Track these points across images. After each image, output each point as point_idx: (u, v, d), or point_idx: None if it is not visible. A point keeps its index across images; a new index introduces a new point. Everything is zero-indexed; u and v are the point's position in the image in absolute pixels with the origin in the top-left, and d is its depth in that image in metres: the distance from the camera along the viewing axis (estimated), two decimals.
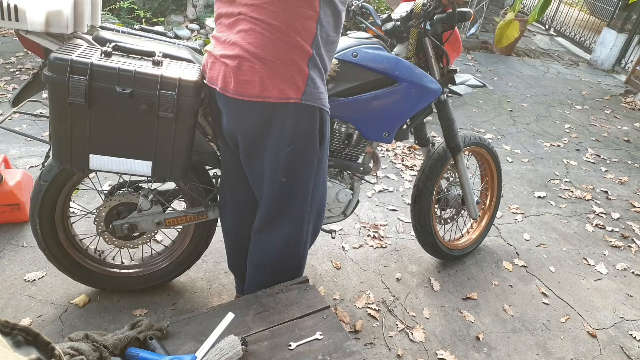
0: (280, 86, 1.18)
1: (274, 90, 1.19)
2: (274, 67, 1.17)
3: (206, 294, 2.02)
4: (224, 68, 1.22)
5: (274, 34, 1.15)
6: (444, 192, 2.26)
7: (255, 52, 1.16)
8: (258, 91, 1.19)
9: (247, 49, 1.17)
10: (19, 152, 2.79)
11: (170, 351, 1.16)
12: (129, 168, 1.42)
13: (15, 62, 3.99)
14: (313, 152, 1.32)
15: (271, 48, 1.16)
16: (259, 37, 1.16)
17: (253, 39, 1.16)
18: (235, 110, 1.26)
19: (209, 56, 1.30)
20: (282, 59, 1.17)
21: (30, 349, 0.53)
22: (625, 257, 2.70)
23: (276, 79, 1.18)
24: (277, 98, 1.19)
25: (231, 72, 1.20)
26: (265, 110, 1.22)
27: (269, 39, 1.15)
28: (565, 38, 7.96)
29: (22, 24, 1.38)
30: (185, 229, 1.87)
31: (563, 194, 3.28)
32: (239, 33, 1.19)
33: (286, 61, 1.17)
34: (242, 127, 1.29)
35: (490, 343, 1.99)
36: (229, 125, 1.32)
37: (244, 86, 1.19)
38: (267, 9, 1.14)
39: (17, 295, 1.88)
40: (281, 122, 1.24)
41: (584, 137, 4.32)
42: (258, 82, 1.18)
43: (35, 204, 1.62)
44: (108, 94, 1.28)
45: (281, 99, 1.19)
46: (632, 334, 2.14)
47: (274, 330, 1.26)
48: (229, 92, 1.22)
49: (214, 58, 1.27)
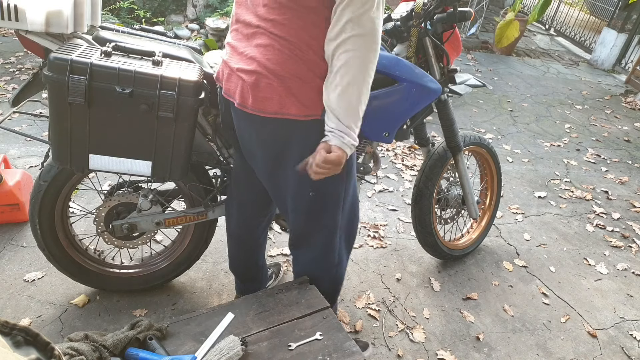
0: (299, 103, 1.16)
1: (292, 107, 1.16)
2: (292, 85, 1.15)
3: (206, 294, 2.02)
4: (242, 83, 1.18)
5: (292, 51, 1.13)
6: (444, 192, 2.26)
7: (274, 69, 1.14)
8: (277, 108, 1.16)
9: (265, 65, 1.14)
10: (19, 152, 2.79)
11: (170, 351, 1.16)
12: (129, 168, 1.42)
13: (15, 62, 3.99)
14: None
15: (290, 65, 1.14)
16: (278, 54, 1.13)
17: (272, 55, 1.14)
18: (255, 126, 1.23)
19: (225, 66, 1.26)
20: (301, 77, 1.14)
21: (30, 349, 0.53)
22: (626, 257, 2.70)
23: (295, 96, 1.16)
24: (297, 115, 1.17)
25: (249, 88, 1.17)
26: (286, 126, 1.20)
27: (287, 56, 1.13)
28: (566, 38, 7.96)
29: (22, 24, 1.38)
30: (185, 229, 1.87)
31: (563, 194, 3.28)
32: (258, 47, 1.16)
33: (304, 78, 1.15)
34: (263, 143, 1.26)
35: (491, 343, 1.98)
36: (249, 140, 1.29)
37: (263, 103, 1.17)
38: (286, 25, 1.11)
39: (16, 295, 1.88)
40: (303, 139, 1.22)
41: (584, 137, 4.32)
42: (277, 99, 1.16)
43: (34, 204, 1.62)
44: (108, 93, 1.28)
45: (300, 116, 1.17)
46: (633, 334, 2.14)
47: (274, 331, 1.26)
48: (248, 108, 1.19)
49: (230, 70, 1.23)
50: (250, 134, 1.27)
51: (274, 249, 2.33)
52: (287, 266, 2.22)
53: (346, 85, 1.10)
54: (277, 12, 1.11)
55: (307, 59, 1.14)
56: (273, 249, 2.32)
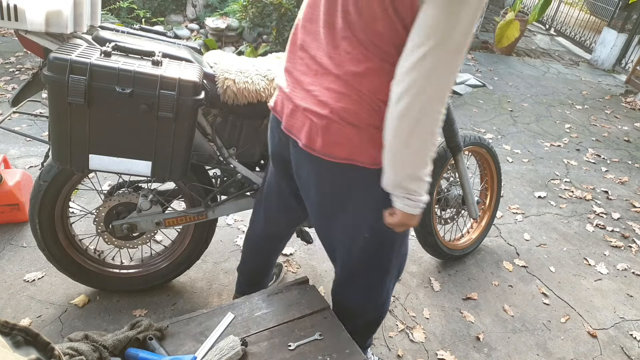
0: (371, 152, 1.08)
1: (364, 155, 1.09)
2: (366, 134, 1.07)
3: (206, 294, 2.02)
4: (310, 123, 1.09)
5: (369, 104, 1.04)
6: (444, 192, 2.26)
7: (348, 119, 1.06)
8: (346, 154, 1.09)
9: (339, 113, 1.05)
10: (19, 152, 2.79)
11: (170, 351, 1.16)
12: (129, 168, 1.41)
13: (15, 62, 3.99)
14: None
15: (365, 116, 1.05)
16: (353, 104, 1.05)
17: (346, 104, 1.05)
18: (319, 169, 1.17)
19: (287, 99, 1.16)
20: (375, 126, 1.06)
21: (30, 349, 0.53)
22: (626, 257, 2.70)
23: (367, 144, 1.07)
24: (367, 163, 1.10)
25: (319, 132, 1.08)
26: (352, 172, 1.12)
27: (362, 107, 1.05)
28: (566, 38, 7.96)
29: (22, 24, 1.38)
30: (185, 229, 1.87)
31: (563, 194, 3.28)
32: (330, 92, 1.06)
33: (380, 128, 1.05)
34: (323, 184, 1.21)
35: (491, 343, 1.98)
36: (307, 179, 1.23)
37: (332, 148, 1.09)
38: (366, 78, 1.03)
39: (16, 295, 1.88)
40: (370, 186, 1.14)
41: (584, 137, 4.32)
42: (347, 145, 1.08)
43: (34, 204, 1.62)
44: (108, 94, 1.27)
45: (370, 164, 1.09)
46: (633, 334, 2.14)
47: (274, 331, 1.26)
48: (315, 150, 1.11)
49: (294, 106, 1.13)
50: (309, 174, 1.21)
51: None
52: (287, 266, 2.22)
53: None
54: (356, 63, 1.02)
55: (382, 111, 1.05)
56: None
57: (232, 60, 1.64)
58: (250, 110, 1.62)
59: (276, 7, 4.45)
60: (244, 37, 5.05)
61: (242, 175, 1.75)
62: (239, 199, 1.83)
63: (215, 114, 1.66)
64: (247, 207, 1.86)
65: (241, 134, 1.71)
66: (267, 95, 1.59)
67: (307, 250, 2.36)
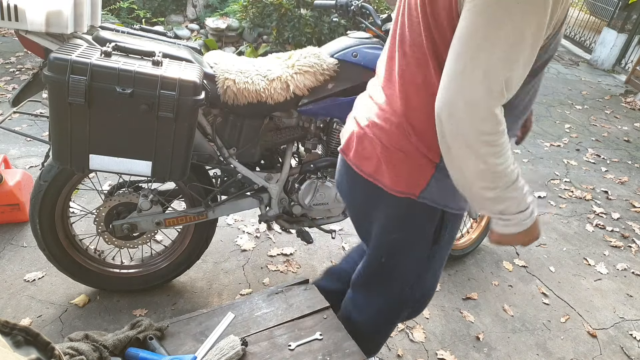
0: (394, 175, 1.06)
1: (386, 176, 1.07)
2: (392, 156, 1.05)
3: (206, 294, 2.02)
4: (352, 131, 1.14)
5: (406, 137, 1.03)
6: None
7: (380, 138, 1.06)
8: (371, 171, 1.09)
9: (373, 130, 1.07)
10: (19, 152, 2.79)
11: (170, 351, 1.16)
12: (129, 168, 1.42)
13: (15, 62, 3.99)
14: (423, 248, 1.20)
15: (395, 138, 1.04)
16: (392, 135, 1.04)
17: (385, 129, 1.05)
18: (349, 178, 1.19)
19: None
20: (404, 151, 1.04)
21: (30, 349, 0.53)
22: (626, 257, 2.70)
23: (391, 167, 1.06)
24: (388, 187, 1.08)
25: (354, 139, 1.12)
26: (376, 192, 1.11)
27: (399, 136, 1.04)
28: (566, 38, 7.96)
29: (22, 24, 1.38)
30: (185, 229, 1.87)
31: (563, 194, 3.28)
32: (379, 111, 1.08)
33: (408, 153, 1.04)
34: (351, 195, 1.23)
35: (490, 343, 1.98)
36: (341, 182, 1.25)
37: (361, 161, 1.11)
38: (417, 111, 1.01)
39: (17, 295, 1.88)
40: (389, 212, 1.14)
41: (584, 137, 4.32)
42: (375, 162, 1.08)
43: (35, 204, 1.62)
44: (108, 94, 1.28)
45: (392, 189, 1.07)
46: (632, 334, 2.14)
47: (274, 330, 1.26)
48: (349, 158, 1.14)
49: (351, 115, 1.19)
50: (342, 178, 1.23)
51: (274, 248, 2.33)
52: (287, 266, 2.22)
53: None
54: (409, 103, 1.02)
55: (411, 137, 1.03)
56: (273, 249, 2.32)
57: (232, 60, 1.64)
58: (250, 110, 1.62)
59: (276, 7, 4.45)
60: (244, 37, 5.05)
61: (242, 175, 1.75)
62: (239, 199, 1.83)
63: (215, 114, 1.66)
64: (247, 207, 1.86)
65: (241, 134, 1.71)
66: (267, 95, 1.59)
67: (307, 250, 2.36)
